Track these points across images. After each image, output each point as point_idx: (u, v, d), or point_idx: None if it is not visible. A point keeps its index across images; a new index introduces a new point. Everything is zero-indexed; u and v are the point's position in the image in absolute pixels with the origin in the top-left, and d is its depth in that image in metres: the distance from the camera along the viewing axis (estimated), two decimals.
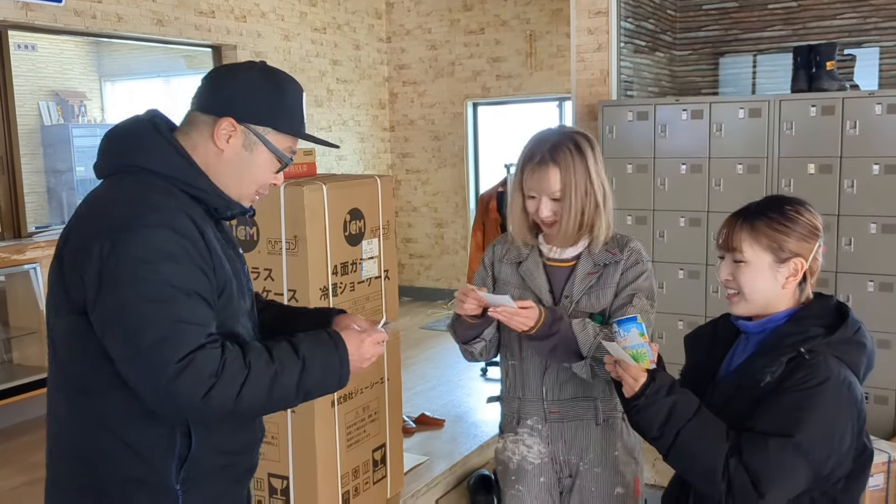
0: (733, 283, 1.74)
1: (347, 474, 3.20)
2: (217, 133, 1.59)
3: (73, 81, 9.06)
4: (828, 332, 1.68)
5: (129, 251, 1.44)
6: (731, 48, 5.42)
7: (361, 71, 7.80)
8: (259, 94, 1.60)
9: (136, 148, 1.58)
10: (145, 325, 1.43)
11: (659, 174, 4.39)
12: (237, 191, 1.65)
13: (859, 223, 3.89)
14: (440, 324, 7.16)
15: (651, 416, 1.70)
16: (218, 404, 1.46)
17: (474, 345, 2.16)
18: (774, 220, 1.71)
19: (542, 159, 2.05)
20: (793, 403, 1.60)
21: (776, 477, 1.58)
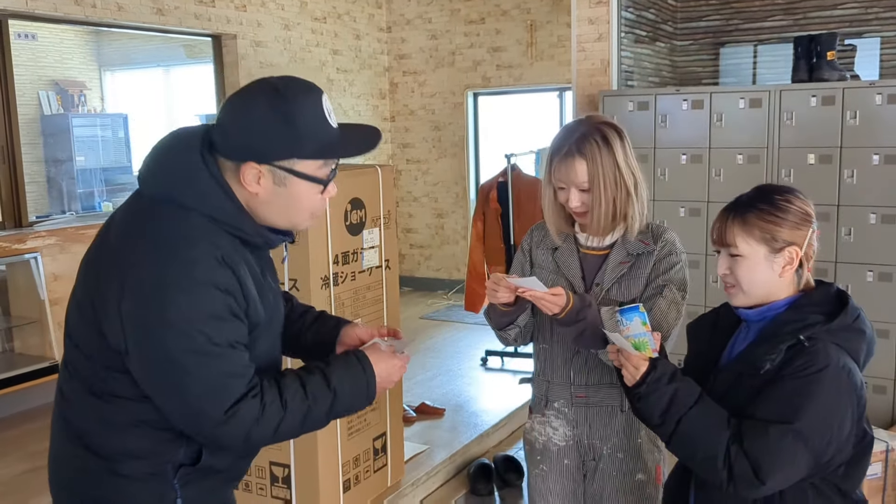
0: (731, 276, 1.75)
1: (348, 462, 3.22)
2: (244, 179, 1.53)
3: (72, 71, 9.05)
4: (827, 320, 1.68)
5: (176, 307, 1.44)
6: (732, 38, 5.41)
7: (362, 61, 7.79)
8: (271, 129, 1.50)
9: (188, 189, 1.53)
10: (190, 380, 1.46)
11: (659, 164, 4.40)
12: (288, 223, 1.61)
13: (859, 213, 3.90)
14: (440, 314, 7.18)
15: (652, 403, 1.71)
16: (257, 441, 1.55)
17: (509, 331, 2.21)
18: (765, 212, 1.71)
19: (569, 151, 2.07)
20: (792, 390, 1.61)
21: (776, 463, 1.59)
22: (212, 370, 1.47)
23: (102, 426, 1.57)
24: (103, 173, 8.31)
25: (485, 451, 4.22)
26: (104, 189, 8.18)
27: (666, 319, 2.07)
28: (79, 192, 7.99)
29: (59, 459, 1.68)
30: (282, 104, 1.51)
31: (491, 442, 4.32)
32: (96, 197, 8.04)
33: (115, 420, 1.57)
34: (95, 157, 8.36)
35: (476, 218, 5.69)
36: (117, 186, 8.27)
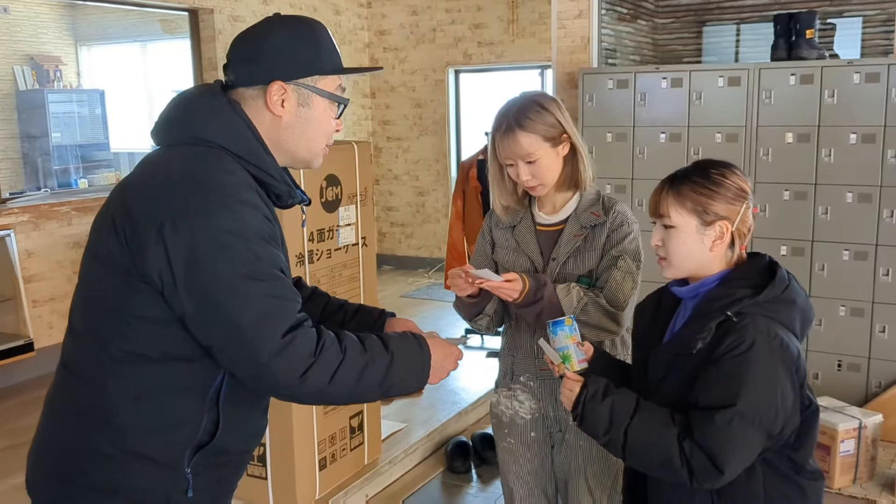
0: (663, 248, 1.76)
1: (324, 441, 3.21)
2: (270, 100, 1.55)
3: (48, 45, 8.90)
4: (756, 293, 1.67)
5: (225, 227, 1.40)
6: (714, 16, 5.38)
7: (341, 36, 7.71)
8: (294, 46, 1.56)
9: (213, 125, 1.53)
10: (245, 302, 1.41)
11: (638, 143, 4.38)
12: (308, 152, 1.62)
13: (836, 192, 3.91)
14: (420, 292, 7.17)
15: (595, 423, 1.70)
16: (313, 385, 1.45)
17: (479, 321, 2.24)
18: (699, 184, 1.71)
19: (509, 126, 2.10)
20: (728, 372, 1.61)
21: (730, 449, 1.59)
22: (263, 291, 1.42)
23: (118, 395, 1.49)
24: (80, 150, 8.18)
25: (463, 429, 4.23)
26: (80, 166, 8.06)
27: (622, 290, 2.11)
28: (54, 169, 7.86)
29: (56, 441, 1.57)
30: (300, 26, 1.60)
31: (469, 420, 4.33)
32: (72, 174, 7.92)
33: (135, 386, 1.49)
34: (72, 133, 8.23)
35: (456, 196, 5.67)
36: (94, 163, 8.15)
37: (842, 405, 3.51)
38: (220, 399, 1.54)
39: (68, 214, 5.37)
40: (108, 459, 1.50)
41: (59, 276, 5.31)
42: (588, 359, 1.87)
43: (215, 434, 1.55)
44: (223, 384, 1.54)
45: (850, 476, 3.37)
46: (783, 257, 4.03)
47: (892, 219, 3.80)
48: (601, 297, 2.09)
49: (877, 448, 3.42)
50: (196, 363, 1.50)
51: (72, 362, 1.57)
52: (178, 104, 1.58)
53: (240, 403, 1.58)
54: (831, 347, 3.98)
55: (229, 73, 1.60)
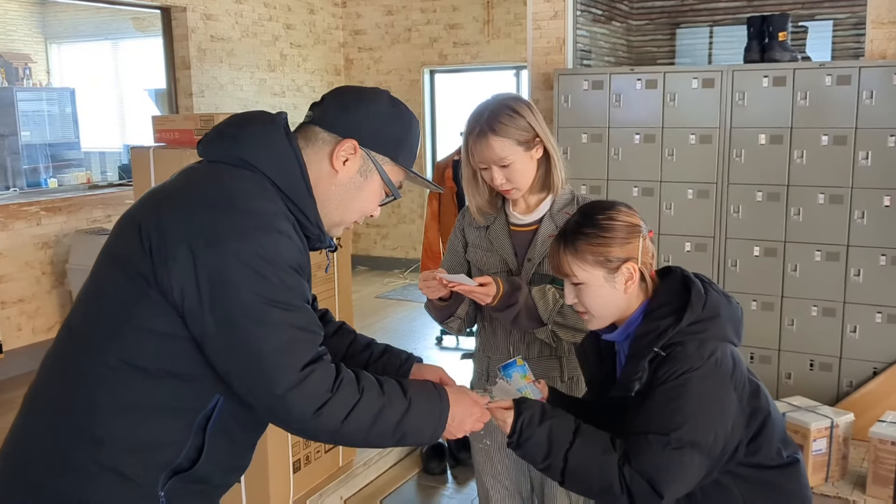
0: (579, 304, 1.74)
1: (298, 443, 3.19)
2: (337, 153, 1.55)
3: (17, 43, 8.78)
4: (677, 319, 1.65)
5: (259, 252, 1.38)
6: (688, 18, 5.42)
7: (316, 36, 7.67)
8: (388, 122, 1.59)
9: (267, 156, 1.50)
10: (269, 331, 1.39)
11: (613, 144, 4.39)
12: (339, 216, 1.60)
13: (808, 193, 3.94)
14: (396, 293, 7.15)
15: (532, 448, 1.65)
16: (326, 422, 1.43)
17: (451, 323, 2.23)
18: (592, 235, 1.69)
19: (482, 131, 2.09)
20: (663, 399, 1.59)
21: (668, 474, 1.57)
22: (288, 320, 1.40)
23: (105, 405, 1.43)
24: (49, 149, 8.07)
25: None
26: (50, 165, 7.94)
27: None
28: (23, 168, 7.73)
29: (30, 443, 1.50)
30: (401, 109, 1.64)
31: None
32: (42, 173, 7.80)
33: (124, 399, 1.43)
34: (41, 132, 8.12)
35: (431, 197, 5.66)
36: (64, 162, 8.04)
37: (814, 404, 3.54)
38: (209, 426, 1.51)
39: (37, 214, 5.29)
40: (81, 470, 1.45)
41: (27, 277, 5.22)
42: (545, 397, 1.83)
43: (197, 461, 1.51)
44: (214, 411, 1.50)
45: (823, 475, 3.39)
46: (756, 258, 4.06)
47: (864, 220, 3.84)
48: None
49: (848, 447, 3.45)
50: (191, 384, 1.46)
51: (62, 361, 1.51)
52: (234, 122, 1.57)
53: (228, 434, 1.54)
54: (803, 347, 4.02)
55: (318, 109, 1.59)
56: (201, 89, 6.36)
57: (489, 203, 2.23)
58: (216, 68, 6.51)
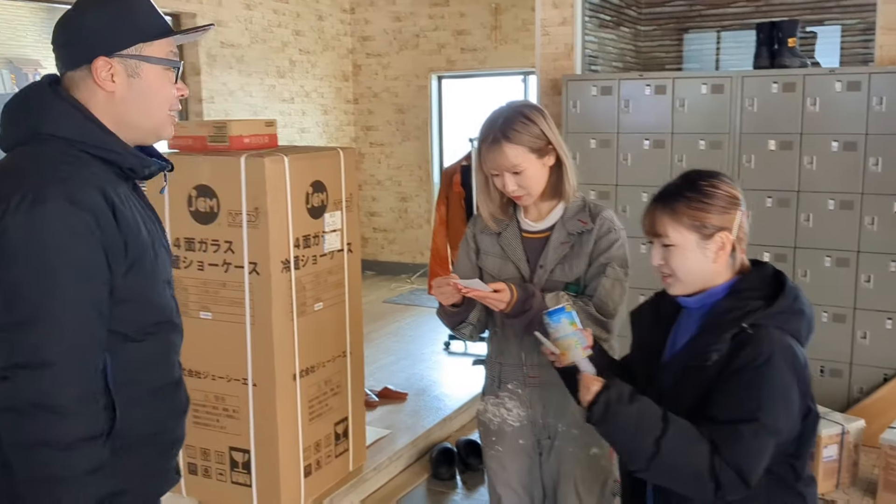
0: (666, 266, 1.74)
1: (309, 448, 3.19)
2: (98, 78, 1.53)
3: (27, 49, 8.81)
4: (767, 304, 1.68)
5: (17, 222, 1.39)
6: (696, 24, 5.42)
7: (325, 42, 7.70)
8: (109, 18, 1.54)
9: (39, 114, 1.52)
10: (17, 302, 1.40)
11: (622, 149, 4.40)
12: (152, 121, 1.59)
13: (818, 199, 3.94)
14: (403, 298, 7.16)
15: (619, 427, 1.66)
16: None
17: (462, 329, 2.24)
18: (692, 199, 1.70)
19: (495, 138, 2.10)
20: (749, 385, 1.61)
21: (756, 462, 1.60)
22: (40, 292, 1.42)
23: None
24: None
25: (447, 436, 4.22)
26: None
27: (611, 297, 2.11)
28: None
29: None
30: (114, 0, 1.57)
31: (453, 426, 4.32)
32: None
33: None
34: None
35: (440, 202, 5.67)
36: None
37: (825, 411, 3.53)
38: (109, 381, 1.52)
39: None
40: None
41: None
42: (590, 345, 1.82)
43: (115, 420, 1.52)
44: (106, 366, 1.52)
45: (833, 481, 3.39)
46: None
47: (874, 226, 3.83)
48: (590, 305, 2.09)
49: (859, 453, 3.44)
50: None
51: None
52: (9, 106, 1.57)
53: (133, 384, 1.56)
54: (814, 353, 3.96)
55: (56, 61, 1.58)
56: (211, 95, 6.39)
57: (501, 209, 2.24)
58: (226, 74, 6.54)
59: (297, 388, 3.07)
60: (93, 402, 1.45)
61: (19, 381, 1.40)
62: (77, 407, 1.42)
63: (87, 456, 1.44)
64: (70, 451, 1.42)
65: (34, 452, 1.41)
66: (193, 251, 3.03)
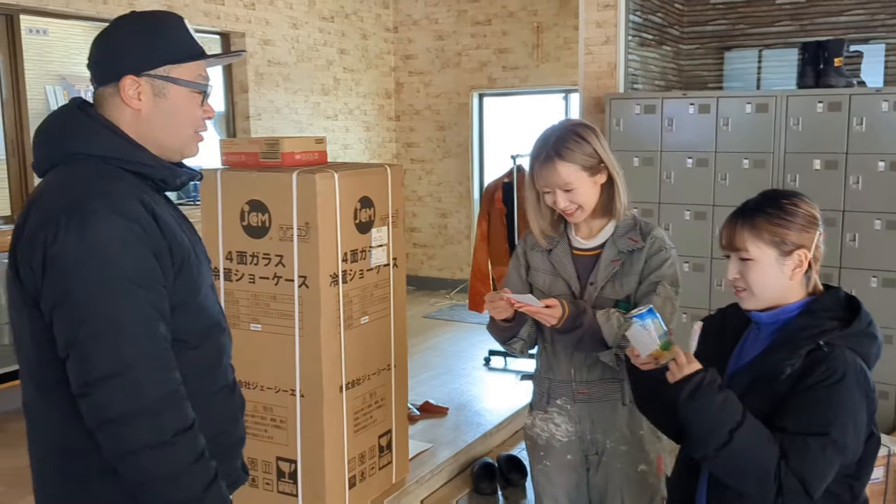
0: (741, 281, 1.77)
1: (354, 459, 3.24)
2: (125, 96, 1.57)
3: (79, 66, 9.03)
4: (842, 325, 1.71)
5: (71, 238, 1.43)
6: (738, 42, 5.43)
7: (368, 60, 7.81)
8: (141, 39, 1.58)
9: (70, 135, 1.57)
10: (84, 317, 1.43)
11: (665, 167, 4.42)
12: (176, 140, 1.64)
13: (864, 219, 3.92)
14: (443, 313, 7.20)
15: (702, 409, 1.67)
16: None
17: (513, 344, 2.27)
18: (774, 215, 1.74)
19: (548, 156, 2.14)
20: (821, 401, 1.64)
21: (821, 475, 1.62)
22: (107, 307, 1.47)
23: (71, 420, 1.50)
24: None
25: (488, 451, 4.24)
26: None
27: (662, 315, 2.10)
28: None
29: (41, 472, 1.63)
30: (148, 19, 1.62)
31: (494, 441, 4.34)
32: None
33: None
34: None
35: (481, 218, 5.71)
36: None
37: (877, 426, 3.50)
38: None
39: None
40: (78, 477, 1.56)
41: None
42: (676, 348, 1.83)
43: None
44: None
45: (880, 502, 3.35)
46: None
47: None
48: None
49: None
50: None
51: (25, 396, 1.62)
52: (40, 130, 1.61)
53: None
54: None
55: (91, 76, 1.63)
56: (258, 112, 6.52)
57: (552, 226, 2.27)
58: (272, 92, 6.67)
59: (343, 399, 3.12)
60: (179, 395, 1.50)
61: (104, 393, 1.44)
62: (164, 404, 1.47)
63: (187, 447, 1.50)
64: (174, 446, 1.47)
65: (138, 457, 1.45)
66: (245, 264, 3.10)
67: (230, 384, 1.75)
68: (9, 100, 5.00)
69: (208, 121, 1.69)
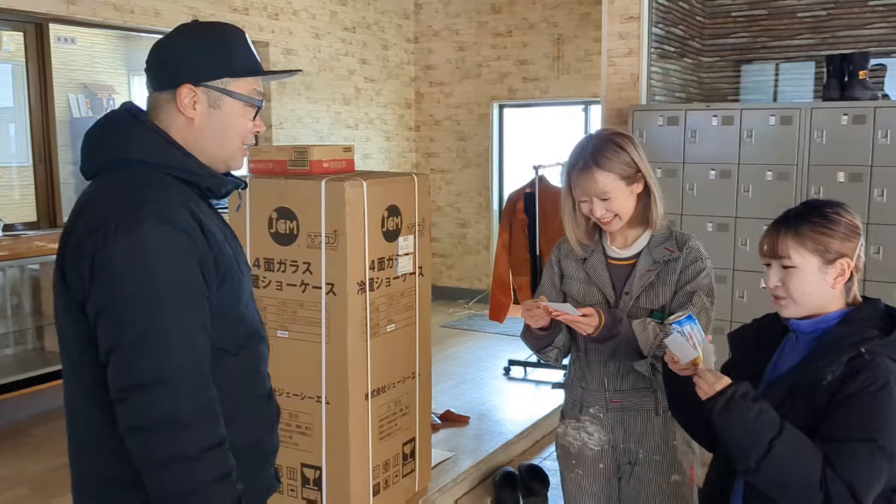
0: (782, 289, 1.78)
1: (378, 466, 3.26)
2: (181, 104, 1.59)
3: (102, 75, 9.14)
4: (882, 334, 1.72)
5: (119, 245, 1.45)
6: (759, 55, 5.44)
7: (389, 70, 7.87)
8: (202, 49, 1.61)
9: (121, 141, 1.58)
10: (127, 323, 1.45)
11: (688, 179, 4.42)
12: (224, 152, 1.66)
13: (889, 232, 3.91)
14: (462, 323, 7.22)
15: (738, 422, 1.68)
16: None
17: (548, 352, 2.29)
18: (818, 224, 1.75)
19: (586, 164, 2.16)
20: (866, 408, 1.64)
21: (870, 482, 1.62)
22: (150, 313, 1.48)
23: (115, 422, 1.50)
24: None
25: (509, 460, 4.25)
26: None
27: None
28: None
29: (83, 474, 1.65)
30: (211, 30, 1.65)
31: (515, 451, 4.34)
32: None
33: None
34: None
35: (503, 228, 5.73)
36: None
37: None
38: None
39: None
40: (123, 479, 1.56)
41: None
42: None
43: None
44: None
45: None
46: None
47: None
48: None
49: None
50: None
51: (68, 398, 1.65)
52: (90, 134, 1.63)
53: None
54: None
55: (147, 81, 1.65)
56: (280, 121, 6.58)
57: (587, 235, 2.28)
58: (294, 101, 6.72)
59: (368, 407, 3.14)
60: (211, 412, 1.51)
61: (141, 401, 1.45)
62: (198, 419, 1.47)
63: (215, 464, 1.49)
64: (198, 462, 1.46)
65: (165, 468, 1.46)
66: (273, 271, 3.13)
67: (267, 392, 1.77)
68: (36, 107, 5.05)
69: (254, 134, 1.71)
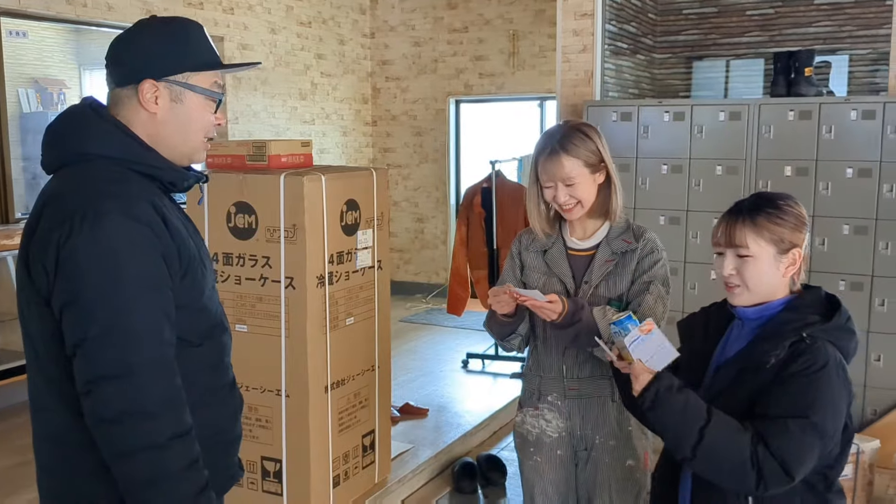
0: (737, 277, 1.84)
1: (338, 458, 3.28)
2: (143, 99, 1.60)
3: (52, 69, 9.00)
4: (824, 320, 1.80)
5: (83, 239, 1.46)
6: (710, 52, 5.56)
7: (345, 65, 7.86)
8: (163, 44, 1.62)
9: (82, 135, 1.59)
10: (92, 317, 1.46)
11: (640, 173, 4.51)
12: (187, 146, 1.67)
13: (833, 224, 4.04)
14: (419, 317, 7.25)
15: (667, 413, 1.77)
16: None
17: (512, 340, 2.34)
18: (773, 215, 1.83)
19: (553, 150, 2.22)
20: (802, 388, 1.72)
21: (802, 457, 1.69)
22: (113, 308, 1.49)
23: (79, 415, 1.52)
24: None
25: (468, 451, 4.30)
26: None
27: (654, 314, 2.20)
28: None
29: (47, 468, 1.66)
30: (171, 25, 1.66)
31: (474, 442, 4.40)
32: None
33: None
34: None
35: (460, 222, 5.78)
36: None
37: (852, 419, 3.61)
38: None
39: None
40: (87, 472, 1.59)
41: None
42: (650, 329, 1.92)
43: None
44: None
45: (849, 501, 3.46)
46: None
47: (888, 251, 3.93)
48: None
49: (874, 473, 3.51)
50: None
51: (32, 391, 1.65)
52: (51, 128, 1.64)
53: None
54: None
55: (106, 76, 1.66)
56: (236, 116, 6.54)
57: (549, 224, 2.34)
58: (250, 96, 6.69)
59: (328, 399, 3.17)
60: (177, 401, 1.53)
61: (105, 393, 1.46)
62: (163, 408, 1.50)
63: (182, 452, 1.52)
64: (166, 451, 1.49)
65: (132, 458, 1.48)
66: (231, 265, 3.14)
67: (230, 382, 1.79)
68: None
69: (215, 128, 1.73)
